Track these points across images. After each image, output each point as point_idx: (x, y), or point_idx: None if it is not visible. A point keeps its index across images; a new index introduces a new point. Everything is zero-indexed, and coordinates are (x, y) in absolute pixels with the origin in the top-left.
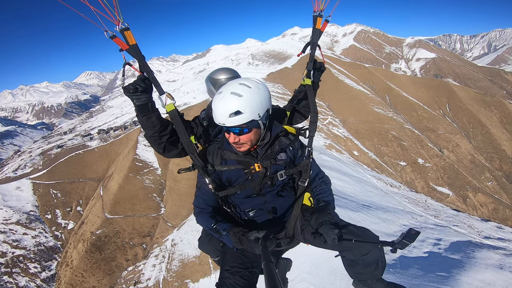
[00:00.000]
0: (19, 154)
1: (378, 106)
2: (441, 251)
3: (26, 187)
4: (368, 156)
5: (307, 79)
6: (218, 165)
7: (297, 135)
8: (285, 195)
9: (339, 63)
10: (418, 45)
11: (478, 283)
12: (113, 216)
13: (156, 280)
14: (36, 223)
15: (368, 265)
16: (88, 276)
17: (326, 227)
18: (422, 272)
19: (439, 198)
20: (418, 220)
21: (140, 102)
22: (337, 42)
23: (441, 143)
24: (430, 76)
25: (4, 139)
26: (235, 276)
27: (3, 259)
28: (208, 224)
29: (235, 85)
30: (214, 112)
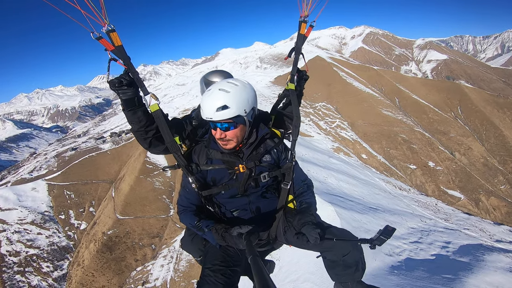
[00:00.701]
0: (35, 156)
1: (387, 108)
2: (449, 253)
3: (41, 188)
4: (377, 159)
5: (290, 83)
6: (203, 164)
7: (282, 138)
8: (269, 196)
9: (347, 66)
10: (428, 46)
11: (486, 286)
12: (124, 217)
13: (164, 280)
14: (50, 223)
15: (348, 266)
16: (98, 276)
17: (308, 227)
18: (427, 274)
19: (450, 201)
20: (427, 223)
21: (126, 96)
22: (345, 45)
23: (453, 146)
24: (441, 78)
25: (20, 142)
26: (216, 274)
27: (16, 258)
28: (191, 221)
29: (224, 83)
30: (202, 107)
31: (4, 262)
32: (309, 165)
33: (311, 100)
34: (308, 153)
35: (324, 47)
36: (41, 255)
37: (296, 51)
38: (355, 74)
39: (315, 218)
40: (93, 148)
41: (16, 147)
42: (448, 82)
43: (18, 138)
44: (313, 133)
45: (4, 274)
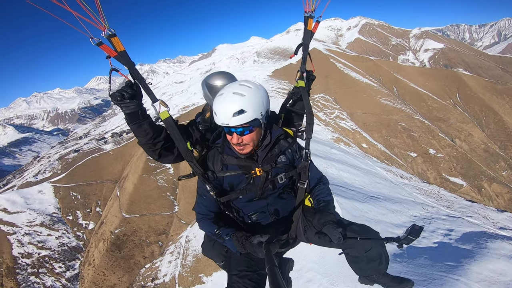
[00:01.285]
0: (38, 159)
1: (386, 98)
2: (452, 241)
3: (47, 190)
4: (377, 148)
5: (300, 81)
6: (219, 171)
7: (295, 137)
8: (286, 197)
9: (344, 57)
10: (425, 36)
11: (489, 273)
12: (130, 215)
13: (172, 275)
14: (58, 224)
15: (372, 260)
16: (109, 274)
17: (330, 227)
18: (430, 262)
19: (453, 189)
20: (430, 211)
21: (130, 110)
22: (342, 36)
23: (453, 132)
24: (439, 66)
25: (22, 146)
26: (244, 280)
27: (29, 260)
28: (211, 229)
29: (236, 86)
30: (217, 113)
31: (18, 264)
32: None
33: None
34: None
35: (321, 39)
36: (52, 256)
37: (304, 48)
38: (352, 65)
39: (335, 216)
40: (95, 149)
41: (19, 151)
42: (446, 70)
43: (20, 142)
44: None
45: (19, 276)
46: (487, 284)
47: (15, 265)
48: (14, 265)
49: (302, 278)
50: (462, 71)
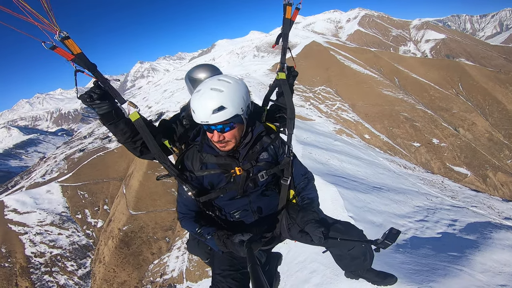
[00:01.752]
0: (45, 160)
1: (387, 88)
2: (456, 231)
3: (55, 190)
4: (380, 139)
5: (281, 73)
6: (198, 170)
7: (278, 133)
8: (270, 194)
9: (344, 49)
10: (425, 26)
11: (492, 263)
12: (136, 212)
13: (180, 270)
14: (68, 223)
15: (355, 258)
16: (119, 271)
17: (311, 226)
18: (433, 252)
19: (457, 178)
20: (433, 201)
21: (102, 111)
22: (341, 28)
23: (456, 122)
24: (441, 57)
25: (28, 147)
26: (227, 279)
27: (42, 259)
28: (192, 228)
29: (214, 81)
30: (195, 111)
31: (31, 263)
32: (312, 148)
33: (310, 84)
34: (310, 136)
35: (321, 32)
36: (64, 254)
37: (283, 38)
38: (352, 56)
39: (318, 214)
40: (100, 148)
41: (25, 153)
42: (447, 60)
43: (25, 144)
44: (314, 116)
45: (33, 275)
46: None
47: (28, 264)
48: (28, 265)
49: (306, 269)
50: (465, 61)
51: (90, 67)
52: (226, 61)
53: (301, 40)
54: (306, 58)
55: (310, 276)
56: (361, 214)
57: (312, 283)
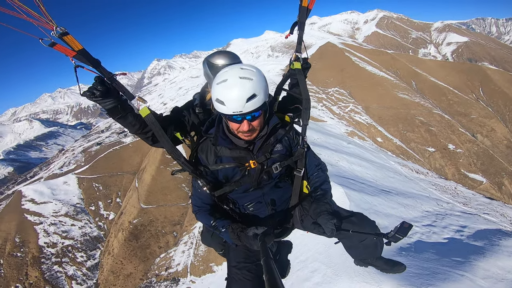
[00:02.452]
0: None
1: (403, 91)
2: (463, 237)
3: (72, 181)
4: (393, 143)
5: (296, 62)
6: (212, 164)
7: (292, 124)
8: (283, 185)
9: (360, 51)
10: (447, 29)
11: (497, 270)
12: (147, 206)
13: (185, 265)
14: (82, 214)
15: (367, 247)
16: (127, 263)
17: (324, 218)
18: (436, 257)
19: (472, 185)
20: (444, 207)
21: (108, 106)
22: (358, 30)
23: (474, 127)
24: (463, 60)
25: (48, 140)
26: (243, 271)
27: (54, 249)
28: (207, 221)
29: (238, 70)
30: (226, 102)
31: (43, 253)
32: (321, 148)
33: (324, 85)
34: (320, 137)
35: (336, 33)
36: (75, 245)
37: (299, 27)
38: (368, 58)
39: (331, 206)
40: (116, 142)
41: (45, 145)
42: (468, 64)
43: (46, 136)
44: (326, 118)
45: (43, 265)
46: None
47: (40, 254)
48: (40, 255)
49: (307, 268)
50: (488, 65)
51: (94, 63)
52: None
53: (316, 40)
54: (320, 59)
55: (311, 275)
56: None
57: (312, 282)
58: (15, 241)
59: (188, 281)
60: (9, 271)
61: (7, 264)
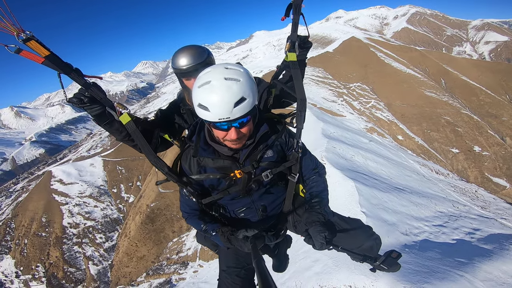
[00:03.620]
0: (91, 136)
1: (431, 90)
2: (473, 240)
3: (98, 163)
4: (414, 141)
5: (290, 53)
6: (195, 174)
7: (284, 126)
8: (275, 191)
9: (386, 46)
10: (487, 27)
11: (499, 273)
12: (165, 190)
13: (195, 249)
14: (104, 196)
15: (363, 250)
16: (141, 246)
17: (315, 230)
18: (439, 256)
19: (494, 189)
20: (460, 209)
21: (95, 112)
22: (387, 25)
23: (504, 130)
24: (501, 60)
25: (78, 124)
26: (232, 276)
27: (76, 230)
28: (197, 226)
29: (222, 70)
30: (210, 107)
31: (65, 234)
32: (336, 142)
33: (346, 80)
34: (337, 131)
35: (363, 28)
36: (96, 226)
37: (294, 9)
38: (395, 54)
39: (324, 216)
40: None
41: (75, 128)
42: (505, 64)
43: (76, 120)
44: (346, 112)
45: (64, 245)
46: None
47: (63, 234)
48: (62, 235)
49: (310, 258)
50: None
51: (64, 69)
52: (262, 52)
53: (340, 35)
54: (343, 54)
55: (312, 265)
56: (375, 211)
57: (312, 271)
58: (42, 220)
59: (197, 265)
60: (32, 251)
61: (31, 244)
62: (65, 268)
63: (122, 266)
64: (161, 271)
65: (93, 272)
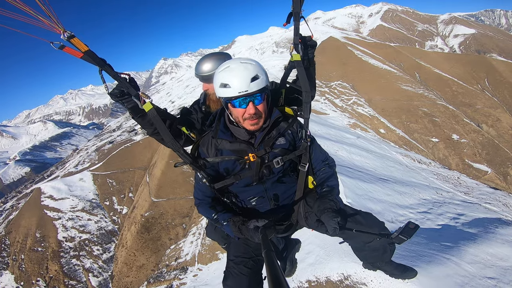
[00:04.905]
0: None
1: (407, 83)
2: (458, 224)
3: (87, 178)
4: (396, 133)
5: (295, 54)
6: (212, 157)
7: (295, 117)
8: (287, 181)
9: (362, 44)
10: (454, 21)
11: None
12: (158, 199)
13: (193, 254)
14: (97, 209)
15: (375, 250)
16: (139, 255)
17: (327, 216)
18: (426, 241)
19: (476, 175)
20: (443, 195)
21: (131, 104)
22: (363, 23)
23: (479, 118)
24: (471, 52)
25: (62, 140)
26: (239, 266)
27: (72, 243)
28: (208, 214)
29: (238, 59)
30: (230, 83)
31: (62, 247)
32: (321, 139)
33: (327, 79)
34: (322, 129)
35: (341, 27)
36: (92, 239)
37: (294, 17)
38: (371, 52)
39: (336, 204)
40: (127, 140)
41: (60, 145)
42: (473, 55)
43: (60, 137)
44: (329, 110)
45: (62, 259)
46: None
47: (59, 248)
48: (59, 249)
49: (303, 250)
50: (496, 56)
51: (99, 63)
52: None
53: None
54: (323, 54)
55: (306, 257)
56: (360, 201)
57: (306, 263)
58: (36, 236)
59: (196, 269)
60: (30, 266)
61: (28, 259)
62: (66, 281)
63: (122, 276)
64: (162, 278)
65: (94, 284)
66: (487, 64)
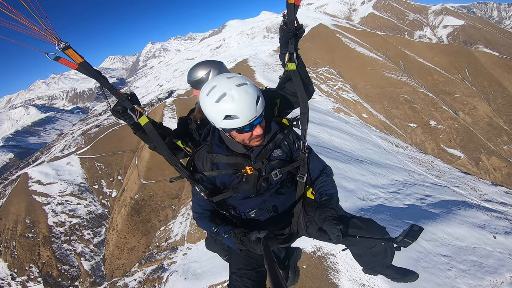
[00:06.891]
0: (63, 136)
1: (391, 71)
2: (423, 205)
3: (75, 162)
4: (377, 118)
5: (290, 63)
6: (208, 171)
7: (291, 128)
8: (285, 191)
9: (351, 32)
10: (445, 12)
11: (443, 235)
12: (147, 181)
13: (182, 234)
14: (86, 193)
15: (376, 255)
16: (130, 238)
17: (329, 224)
18: (390, 218)
19: (449, 160)
20: (415, 178)
21: (133, 121)
22: (355, 11)
23: (457, 105)
24: (458, 43)
25: (46, 125)
26: (243, 278)
27: (62, 228)
28: (208, 228)
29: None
30: (240, 114)
31: (52, 233)
32: None
33: (314, 65)
34: None
35: (333, 14)
36: (82, 223)
37: (289, 24)
38: (359, 39)
39: (336, 212)
40: (114, 123)
41: (43, 130)
42: (456, 46)
43: (43, 121)
44: (314, 95)
45: (53, 244)
46: (437, 244)
47: (50, 234)
48: (50, 234)
49: None
50: (483, 48)
51: (94, 75)
52: (236, 41)
53: (311, 21)
54: (312, 40)
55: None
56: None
57: None
58: (26, 222)
59: (185, 248)
60: (22, 252)
61: (20, 245)
62: (59, 266)
63: (114, 259)
64: (153, 259)
65: (86, 268)
66: (470, 55)
